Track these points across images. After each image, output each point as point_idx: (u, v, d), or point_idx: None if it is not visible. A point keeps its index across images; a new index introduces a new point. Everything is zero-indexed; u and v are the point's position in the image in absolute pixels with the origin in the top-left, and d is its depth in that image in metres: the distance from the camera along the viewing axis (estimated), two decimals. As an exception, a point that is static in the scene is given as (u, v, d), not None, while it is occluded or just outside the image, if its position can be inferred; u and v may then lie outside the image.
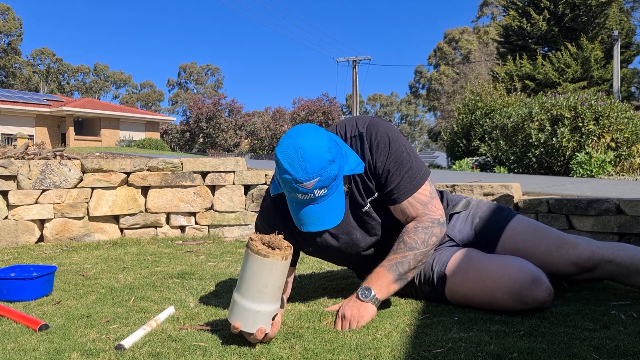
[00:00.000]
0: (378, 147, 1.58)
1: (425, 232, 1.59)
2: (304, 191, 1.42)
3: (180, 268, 2.55)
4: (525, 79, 17.81)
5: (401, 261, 1.57)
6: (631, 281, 1.68)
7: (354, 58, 26.84)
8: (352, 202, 1.64)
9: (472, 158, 10.92)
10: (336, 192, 1.48)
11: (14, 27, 45.11)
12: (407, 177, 1.59)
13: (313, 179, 1.39)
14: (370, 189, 1.63)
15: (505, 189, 3.13)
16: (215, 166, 3.75)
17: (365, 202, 1.63)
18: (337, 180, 1.46)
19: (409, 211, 1.62)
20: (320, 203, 1.45)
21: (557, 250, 1.71)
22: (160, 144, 26.77)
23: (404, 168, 1.59)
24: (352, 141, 1.62)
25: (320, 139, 1.43)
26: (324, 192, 1.43)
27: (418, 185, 1.61)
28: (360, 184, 1.62)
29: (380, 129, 1.60)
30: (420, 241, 1.58)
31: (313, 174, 1.39)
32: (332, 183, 1.44)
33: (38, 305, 1.85)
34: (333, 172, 1.42)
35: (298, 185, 1.41)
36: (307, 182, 1.40)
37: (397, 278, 1.57)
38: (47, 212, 3.44)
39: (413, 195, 1.60)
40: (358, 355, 1.26)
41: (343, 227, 1.65)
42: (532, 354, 1.21)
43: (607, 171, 7.50)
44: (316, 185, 1.40)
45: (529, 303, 1.50)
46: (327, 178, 1.41)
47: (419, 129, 56.70)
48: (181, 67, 57.73)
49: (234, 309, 1.38)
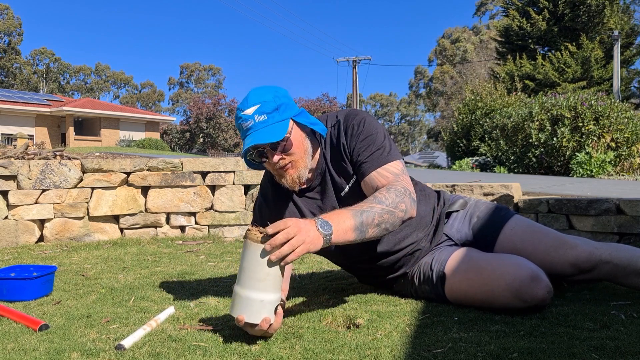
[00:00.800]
0: (352, 129, 1.64)
1: (397, 195, 1.51)
2: (245, 118, 1.53)
3: (180, 268, 2.55)
4: (526, 78, 17.82)
5: (367, 210, 1.44)
6: (629, 282, 1.69)
7: (354, 58, 26.86)
8: (334, 186, 1.68)
9: (472, 158, 10.93)
10: (278, 124, 1.53)
11: (13, 27, 45.10)
12: (377, 153, 1.60)
13: (253, 105, 1.52)
14: (347, 172, 1.66)
15: (505, 189, 3.14)
16: (215, 166, 3.75)
17: (344, 186, 1.67)
18: (279, 112, 1.54)
19: (379, 181, 1.57)
20: (260, 130, 1.52)
21: (555, 251, 1.71)
22: (160, 144, 26.78)
23: (375, 145, 1.61)
24: (332, 130, 1.68)
25: (270, 86, 1.59)
26: (264, 118, 1.52)
27: (388, 160, 1.60)
28: (338, 167, 1.67)
29: (357, 116, 1.66)
30: (390, 200, 1.49)
31: (254, 102, 1.53)
32: (274, 112, 1.53)
33: (38, 305, 1.85)
34: (274, 103, 1.53)
35: (242, 114, 1.54)
36: (247, 109, 1.53)
37: (357, 227, 1.42)
38: (47, 212, 3.44)
39: (383, 167, 1.59)
40: (358, 355, 1.26)
41: (330, 209, 1.66)
42: (532, 354, 1.21)
43: (607, 171, 7.50)
44: (256, 111, 1.52)
45: (528, 300, 1.50)
46: (268, 106, 1.52)
47: (419, 129, 56.68)
48: (182, 66, 57.75)
49: (237, 301, 1.37)
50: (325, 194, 1.70)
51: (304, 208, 1.71)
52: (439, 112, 39.09)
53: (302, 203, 1.71)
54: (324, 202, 1.70)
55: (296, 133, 1.58)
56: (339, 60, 27.57)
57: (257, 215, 1.79)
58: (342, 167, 1.66)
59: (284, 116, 1.55)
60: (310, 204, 1.71)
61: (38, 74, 49.37)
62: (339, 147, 1.65)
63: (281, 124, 1.54)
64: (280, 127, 1.53)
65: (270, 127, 1.52)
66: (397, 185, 1.54)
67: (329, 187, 1.69)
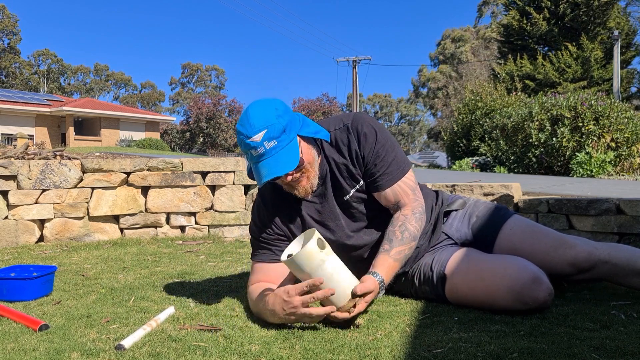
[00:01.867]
0: (365, 137, 1.64)
1: (421, 219, 1.66)
2: (255, 145, 1.49)
3: (180, 268, 2.55)
4: (526, 78, 17.81)
5: (408, 253, 1.63)
6: (628, 282, 1.69)
7: (354, 58, 26.85)
8: (336, 189, 1.69)
9: (472, 158, 10.93)
10: (288, 146, 1.51)
11: (10, 26, 45.05)
12: (394, 164, 1.65)
13: (260, 131, 1.48)
14: (355, 176, 1.67)
15: (505, 189, 3.14)
16: (215, 166, 3.75)
17: (349, 190, 1.67)
18: (287, 133, 1.51)
19: (400, 196, 1.66)
20: (273, 156, 1.50)
21: (554, 251, 1.71)
22: (160, 144, 26.78)
23: (390, 156, 1.65)
24: (337, 132, 1.67)
25: (268, 101, 1.55)
26: (274, 143, 1.49)
27: (405, 172, 1.67)
28: (344, 171, 1.67)
29: (365, 121, 1.67)
30: (419, 229, 1.65)
31: (260, 127, 1.48)
32: (282, 135, 1.50)
33: (38, 305, 1.85)
34: (280, 124, 1.49)
35: (249, 141, 1.49)
36: (255, 135, 1.48)
37: (400, 266, 1.62)
38: (47, 212, 3.44)
39: (402, 180, 1.66)
40: (358, 355, 1.26)
41: (329, 213, 1.70)
42: (532, 354, 1.21)
43: (607, 171, 7.50)
44: (265, 137, 1.48)
45: (529, 303, 1.50)
46: (275, 130, 1.49)
47: (419, 129, 56.69)
48: (184, 65, 57.71)
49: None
50: (325, 197, 1.69)
51: (304, 212, 1.71)
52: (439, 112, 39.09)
53: (302, 207, 1.71)
54: (323, 205, 1.70)
55: (304, 148, 1.58)
56: (339, 60, 27.56)
57: (255, 217, 1.78)
58: (350, 171, 1.67)
59: (292, 136, 1.53)
60: (309, 208, 1.71)
61: (39, 74, 49.38)
62: (350, 152, 1.65)
63: (291, 146, 1.52)
64: (293, 151, 1.52)
65: (282, 152, 1.50)
66: (417, 208, 1.66)
67: (329, 191, 1.69)
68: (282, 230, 1.73)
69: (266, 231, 1.73)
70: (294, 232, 1.72)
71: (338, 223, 1.71)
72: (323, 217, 1.70)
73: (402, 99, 56.67)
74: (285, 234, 1.73)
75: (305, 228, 1.71)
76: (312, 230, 1.51)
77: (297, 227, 1.72)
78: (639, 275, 1.67)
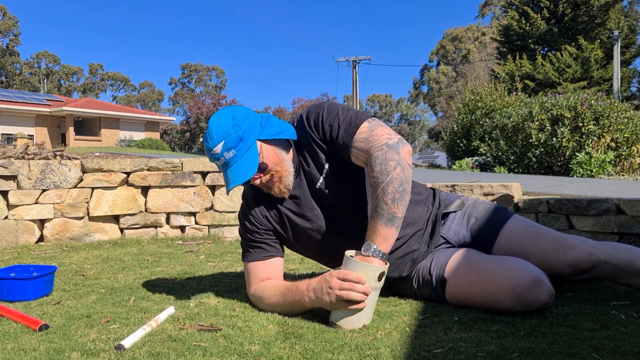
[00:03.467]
0: (315, 117, 1.65)
1: (379, 163, 1.50)
2: (217, 156, 1.58)
3: (180, 268, 2.55)
4: (526, 79, 17.82)
5: (378, 203, 1.48)
6: (628, 281, 1.69)
7: (354, 58, 26.86)
8: (308, 180, 1.69)
9: (472, 158, 10.93)
10: (247, 154, 1.57)
11: (10, 27, 45.06)
12: (344, 125, 1.59)
13: (219, 142, 1.56)
14: (320, 163, 1.67)
15: (505, 189, 3.14)
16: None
17: (318, 176, 1.67)
18: (244, 141, 1.57)
19: (361, 155, 1.57)
20: (234, 165, 1.57)
21: (554, 252, 1.70)
22: (160, 144, 26.79)
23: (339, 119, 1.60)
24: (298, 127, 1.69)
25: (227, 110, 1.62)
26: (233, 153, 1.56)
27: (356, 127, 1.58)
28: (311, 161, 1.67)
29: (317, 106, 1.68)
30: (379, 173, 1.49)
31: (218, 138, 1.56)
32: (240, 144, 1.56)
33: (38, 305, 1.85)
34: (237, 134, 1.56)
35: (212, 153, 1.58)
36: (215, 147, 1.57)
37: (387, 220, 1.47)
38: (47, 212, 3.44)
39: (354, 138, 1.57)
40: (358, 355, 1.26)
41: (306, 204, 1.71)
42: (532, 354, 1.21)
43: (607, 171, 7.50)
44: (223, 148, 1.56)
45: (530, 305, 1.50)
46: (232, 140, 1.55)
47: (419, 129, 56.69)
48: (183, 66, 57.72)
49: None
50: (301, 188, 1.70)
51: (283, 207, 1.73)
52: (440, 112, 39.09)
53: (280, 203, 1.73)
54: (299, 198, 1.71)
55: (267, 151, 1.61)
56: (339, 60, 27.57)
57: (242, 219, 1.80)
58: (315, 159, 1.67)
59: (250, 142, 1.58)
60: (288, 202, 1.73)
61: (39, 75, 49.39)
62: (308, 139, 1.66)
63: (250, 153, 1.57)
64: (251, 158, 1.57)
65: (241, 160, 1.57)
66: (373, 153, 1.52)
67: (304, 182, 1.70)
68: (267, 227, 1.75)
69: (254, 229, 1.75)
70: (276, 227, 1.75)
71: (316, 212, 1.71)
72: (301, 209, 1.72)
73: (403, 99, 56.68)
74: (273, 231, 1.76)
75: (284, 223, 1.74)
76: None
77: (276, 221, 1.75)
78: (639, 275, 1.67)
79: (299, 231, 1.74)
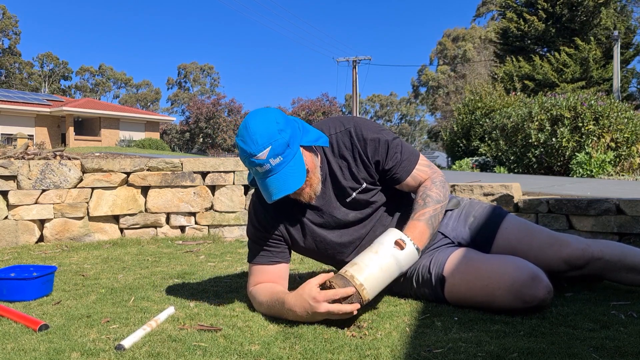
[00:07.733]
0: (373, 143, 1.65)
1: (443, 186, 1.70)
2: (260, 163, 1.48)
3: (180, 268, 2.55)
4: (525, 79, 17.82)
5: (434, 214, 1.64)
6: (619, 277, 1.76)
7: (354, 58, 26.86)
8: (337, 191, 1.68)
9: (472, 158, 10.92)
10: (294, 160, 1.51)
11: (10, 26, 45.06)
12: (405, 155, 1.68)
13: (265, 148, 1.46)
14: (358, 179, 1.67)
15: (505, 189, 3.14)
16: (215, 166, 3.75)
17: (351, 192, 1.67)
18: (291, 147, 1.51)
19: (420, 176, 1.71)
20: (280, 172, 1.49)
21: (549, 248, 1.75)
22: (160, 144, 26.78)
23: (399, 152, 1.68)
24: (338, 136, 1.67)
25: (267, 114, 1.52)
26: (280, 159, 1.48)
27: (417, 157, 1.72)
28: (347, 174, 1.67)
29: (368, 127, 1.68)
30: (443, 194, 1.68)
31: (264, 144, 1.46)
32: (287, 150, 1.49)
33: (38, 305, 1.85)
34: (284, 139, 1.48)
35: (254, 159, 1.48)
36: (260, 153, 1.47)
37: (432, 232, 1.64)
38: (47, 212, 3.44)
39: (416, 167, 1.70)
40: (358, 355, 1.26)
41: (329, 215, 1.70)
42: (532, 354, 1.22)
43: (607, 171, 7.50)
44: (270, 154, 1.47)
45: (529, 301, 1.51)
46: (279, 145, 1.47)
47: (419, 129, 56.70)
48: (180, 67, 57.73)
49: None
50: (324, 198, 1.68)
51: (303, 215, 1.70)
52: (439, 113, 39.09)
53: (301, 209, 1.70)
54: (323, 207, 1.69)
55: (307, 157, 1.57)
56: (339, 60, 27.56)
57: (253, 219, 1.76)
58: (353, 174, 1.67)
59: (295, 149, 1.52)
60: (308, 210, 1.70)
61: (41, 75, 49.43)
62: (354, 155, 1.65)
63: (297, 159, 1.52)
64: (299, 165, 1.52)
65: (287, 168, 1.50)
66: (437, 177, 1.72)
67: (329, 192, 1.68)
68: (282, 234, 1.73)
69: (266, 235, 1.73)
70: (294, 235, 1.72)
71: (339, 223, 1.71)
72: (323, 219, 1.70)
73: (403, 99, 56.68)
74: (284, 238, 1.73)
75: (305, 231, 1.71)
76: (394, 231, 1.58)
77: (297, 230, 1.72)
78: (630, 271, 1.74)
79: (310, 237, 1.73)
